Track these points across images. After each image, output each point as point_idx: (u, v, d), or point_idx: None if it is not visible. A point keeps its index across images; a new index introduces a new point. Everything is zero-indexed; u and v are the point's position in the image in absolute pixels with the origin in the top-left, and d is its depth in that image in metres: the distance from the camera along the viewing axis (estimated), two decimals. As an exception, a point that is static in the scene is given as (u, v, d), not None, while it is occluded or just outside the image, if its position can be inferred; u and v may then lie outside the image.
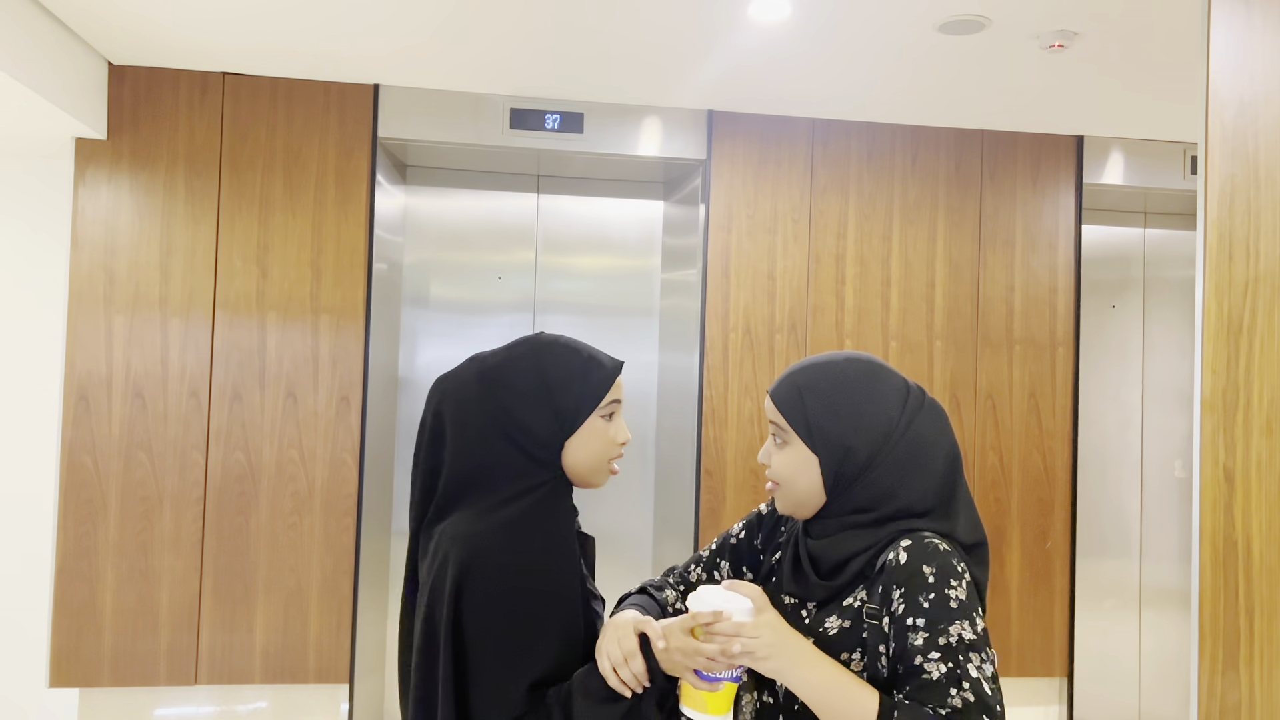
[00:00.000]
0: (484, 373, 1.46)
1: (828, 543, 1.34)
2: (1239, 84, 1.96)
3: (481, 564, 1.35)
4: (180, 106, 3.44)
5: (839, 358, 1.39)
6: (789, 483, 1.36)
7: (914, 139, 3.85)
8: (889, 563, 1.26)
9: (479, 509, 1.40)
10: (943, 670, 1.19)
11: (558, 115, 3.63)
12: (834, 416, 1.33)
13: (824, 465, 1.33)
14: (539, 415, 1.43)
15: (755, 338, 3.72)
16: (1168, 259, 4.48)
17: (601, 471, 1.50)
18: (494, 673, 1.33)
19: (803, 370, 1.39)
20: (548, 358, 1.46)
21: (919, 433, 1.33)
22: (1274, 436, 1.83)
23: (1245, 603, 1.89)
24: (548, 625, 1.36)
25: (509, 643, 1.34)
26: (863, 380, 1.35)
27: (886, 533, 1.30)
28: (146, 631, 3.36)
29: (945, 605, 1.22)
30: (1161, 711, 4.39)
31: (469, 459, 1.42)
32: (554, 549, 1.40)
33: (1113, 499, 4.41)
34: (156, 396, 3.40)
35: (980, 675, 1.20)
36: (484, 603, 1.34)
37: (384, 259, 3.69)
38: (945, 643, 1.20)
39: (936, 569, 1.24)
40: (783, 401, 1.37)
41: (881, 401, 1.34)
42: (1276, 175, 1.86)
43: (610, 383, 1.48)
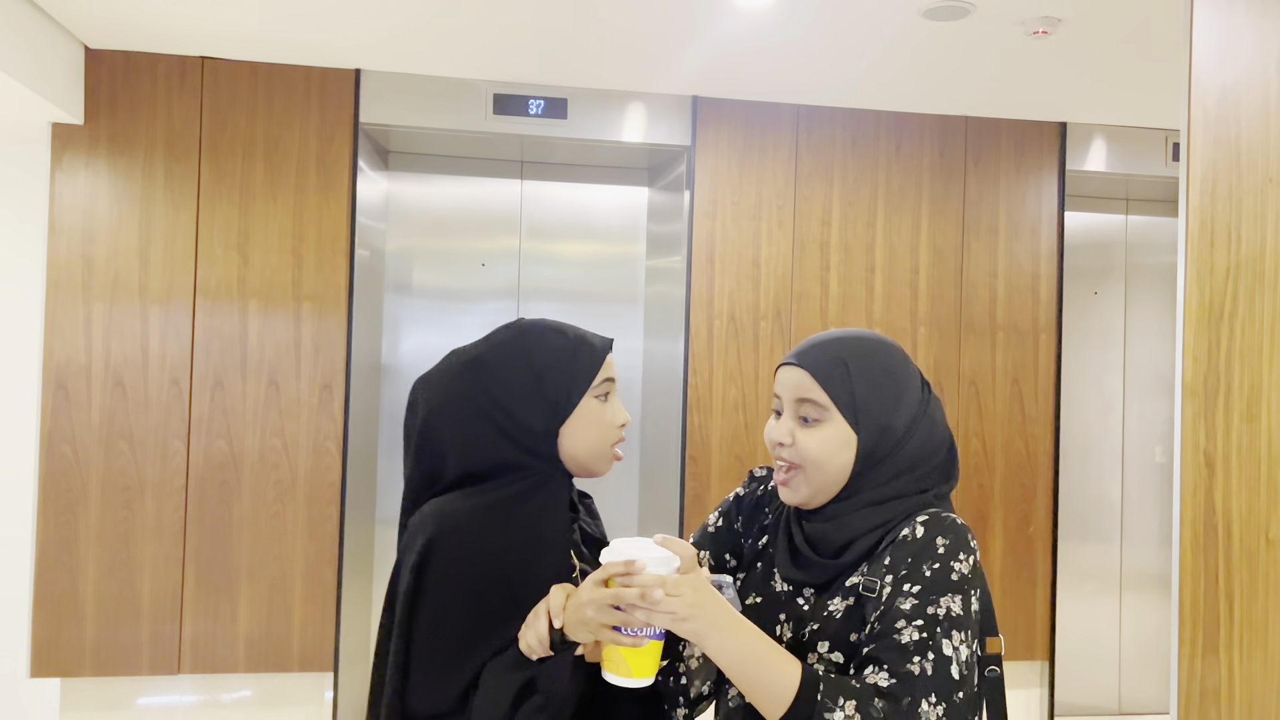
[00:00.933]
0: (467, 366, 1.39)
1: (832, 526, 1.27)
2: (1221, 71, 1.97)
3: (448, 542, 1.28)
4: (158, 91, 3.40)
5: (871, 334, 1.34)
6: (820, 465, 1.26)
7: (898, 125, 3.85)
8: (904, 537, 1.22)
9: (465, 491, 1.34)
10: (916, 638, 1.15)
11: (541, 101, 3.61)
12: (879, 393, 1.27)
13: (861, 445, 1.25)
14: (530, 404, 1.35)
15: (740, 325, 3.72)
16: (1150, 245, 4.51)
17: (604, 457, 1.42)
18: (438, 659, 1.25)
19: (840, 342, 1.31)
20: (532, 342, 1.39)
21: (932, 420, 1.31)
22: (1254, 422, 1.85)
23: (1225, 586, 1.91)
24: (510, 619, 1.26)
25: (461, 630, 1.25)
26: (899, 359, 1.32)
27: (892, 511, 1.26)
28: (128, 621, 3.34)
29: (946, 577, 1.18)
30: (1142, 694, 4.43)
31: (460, 457, 1.35)
32: (533, 541, 1.32)
33: (1094, 484, 4.44)
34: (137, 385, 3.37)
35: (952, 655, 1.15)
36: (443, 584, 1.27)
37: (366, 246, 3.66)
38: (932, 613, 1.16)
39: (950, 541, 1.21)
40: (824, 374, 1.26)
41: (912, 380, 1.31)
42: (1258, 162, 1.87)
43: (601, 361, 1.40)
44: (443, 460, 1.36)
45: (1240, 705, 1.86)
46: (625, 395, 4.10)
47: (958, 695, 1.14)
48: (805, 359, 1.29)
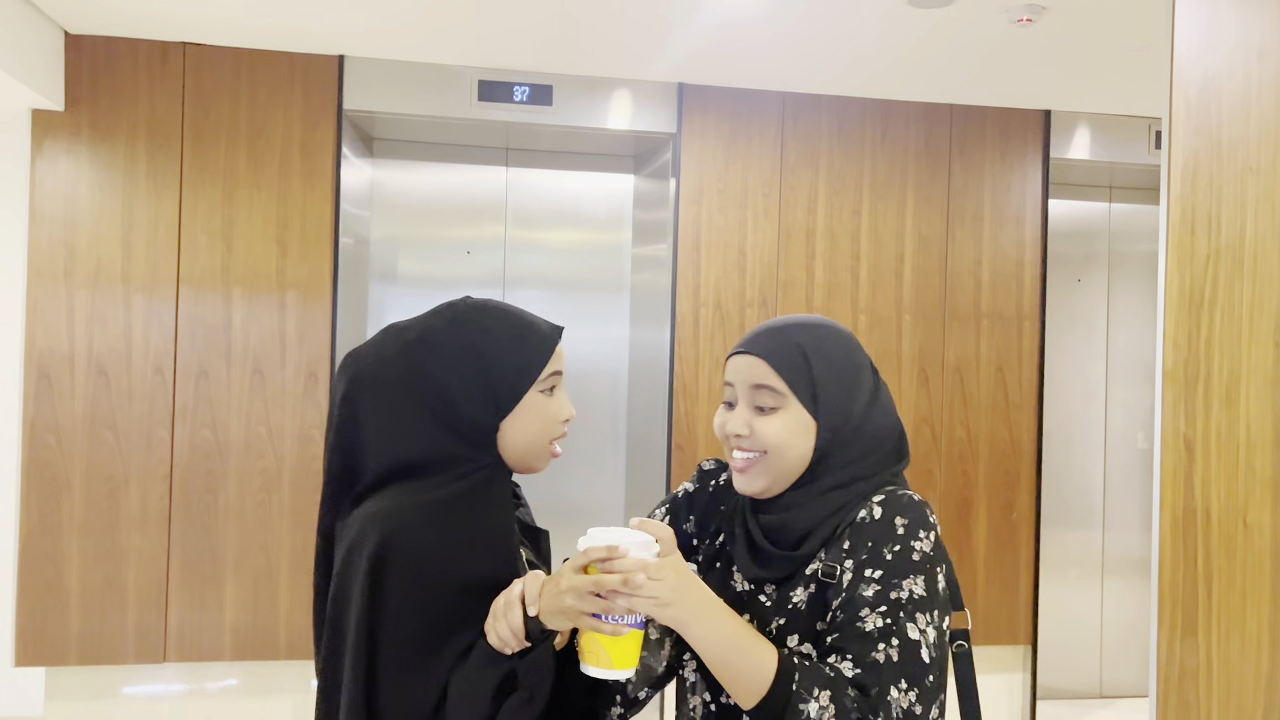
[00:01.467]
0: (406, 347, 1.28)
1: (791, 515, 1.25)
2: (1203, 60, 1.98)
3: (401, 545, 1.19)
4: (140, 77, 3.37)
5: (822, 320, 1.31)
6: (781, 451, 1.23)
7: (884, 113, 3.85)
8: (861, 519, 1.20)
9: (404, 489, 1.24)
10: (880, 624, 1.12)
11: (526, 87, 3.59)
12: (837, 379, 1.25)
13: (821, 431, 1.23)
14: (470, 395, 1.26)
15: (726, 313, 3.72)
16: (1132, 233, 4.53)
17: (542, 454, 1.33)
18: (406, 668, 1.19)
19: (796, 328, 1.27)
20: (478, 327, 1.28)
21: (884, 399, 1.30)
22: (1232, 407, 1.87)
23: (1204, 570, 1.93)
24: (470, 621, 1.21)
25: (425, 636, 1.19)
26: (853, 345, 1.30)
27: (848, 495, 1.24)
28: (114, 610, 3.33)
29: (907, 558, 1.16)
30: (1122, 677, 4.49)
31: (395, 446, 1.26)
32: (486, 540, 1.26)
33: (1077, 470, 4.48)
34: (120, 373, 3.35)
35: (920, 638, 1.12)
36: (401, 589, 1.19)
37: (350, 233, 3.65)
38: (895, 597, 1.14)
39: (909, 521, 1.18)
40: (782, 362, 1.23)
41: (864, 367, 1.29)
42: (1238, 150, 1.88)
43: (550, 352, 1.30)
44: (370, 448, 1.27)
45: (1218, 687, 1.88)
46: (612, 383, 4.12)
47: (929, 678, 1.12)
48: (759, 346, 1.26)
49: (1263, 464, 1.79)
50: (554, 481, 4.03)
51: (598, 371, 4.11)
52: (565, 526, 4.28)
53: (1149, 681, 2.06)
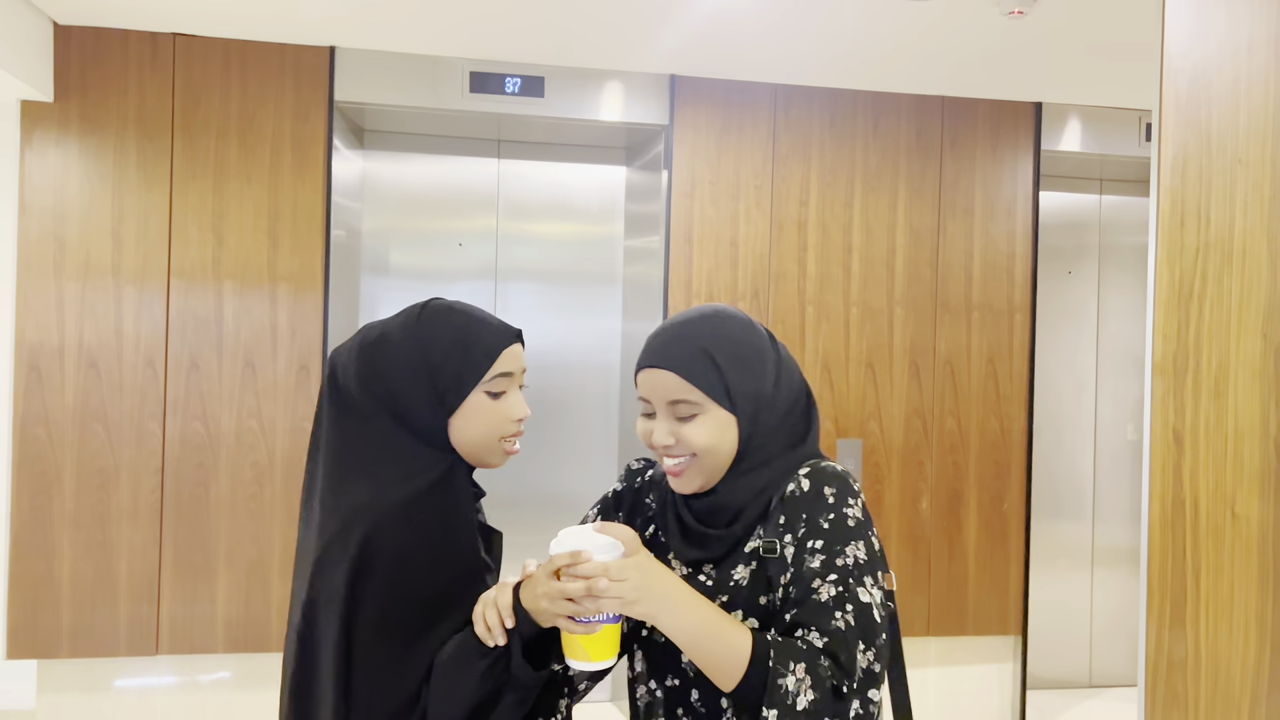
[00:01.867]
0: (365, 347, 1.35)
1: (718, 498, 1.30)
2: (1193, 52, 1.99)
3: (380, 547, 1.24)
4: (130, 68, 3.36)
5: (709, 310, 1.34)
6: (711, 451, 1.28)
7: (875, 105, 3.86)
8: (790, 493, 1.26)
9: (368, 489, 1.28)
10: (833, 593, 1.18)
11: (518, 79, 3.59)
12: (747, 370, 1.29)
13: (742, 423, 1.28)
14: (417, 394, 1.32)
15: (718, 304, 3.72)
16: (1123, 225, 4.55)
17: (494, 452, 1.37)
18: (385, 665, 1.22)
19: (696, 330, 1.30)
20: (429, 329, 1.34)
21: (790, 367, 1.35)
22: (1222, 399, 1.88)
23: (1192, 561, 1.95)
24: (446, 618, 1.26)
25: (405, 638, 1.24)
26: (750, 328, 1.33)
27: (773, 472, 1.29)
28: (105, 603, 3.33)
29: (844, 525, 1.22)
30: (1112, 667, 4.52)
31: (351, 435, 1.32)
32: (457, 537, 1.31)
33: (1067, 462, 4.50)
34: (111, 366, 3.34)
35: (870, 600, 1.19)
36: (379, 594, 1.23)
37: (342, 226, 3.64)
38: (841, 564, 1.20)
39: (836, 490, 1.25)
40: (690, 371, 1.27)
41: (763, 342, 1.33)
42: (1227, 143, 1.89)
43: (495, 355, 1.35)
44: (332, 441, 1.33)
45: (1206, 676, 1.90)
46: (604, 376, 4.13)
47: (881, 637, 1.19)
48: (667, 359, 1.28)
49: (1250, 455, 1.80)
50: (545, 473, 4.04)
51: (590, 364, 4.11)
52: (557, 517, 4.28)
53: (1138, 671, 2.08)
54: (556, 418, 4.08)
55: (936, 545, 3.89)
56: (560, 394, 4.08)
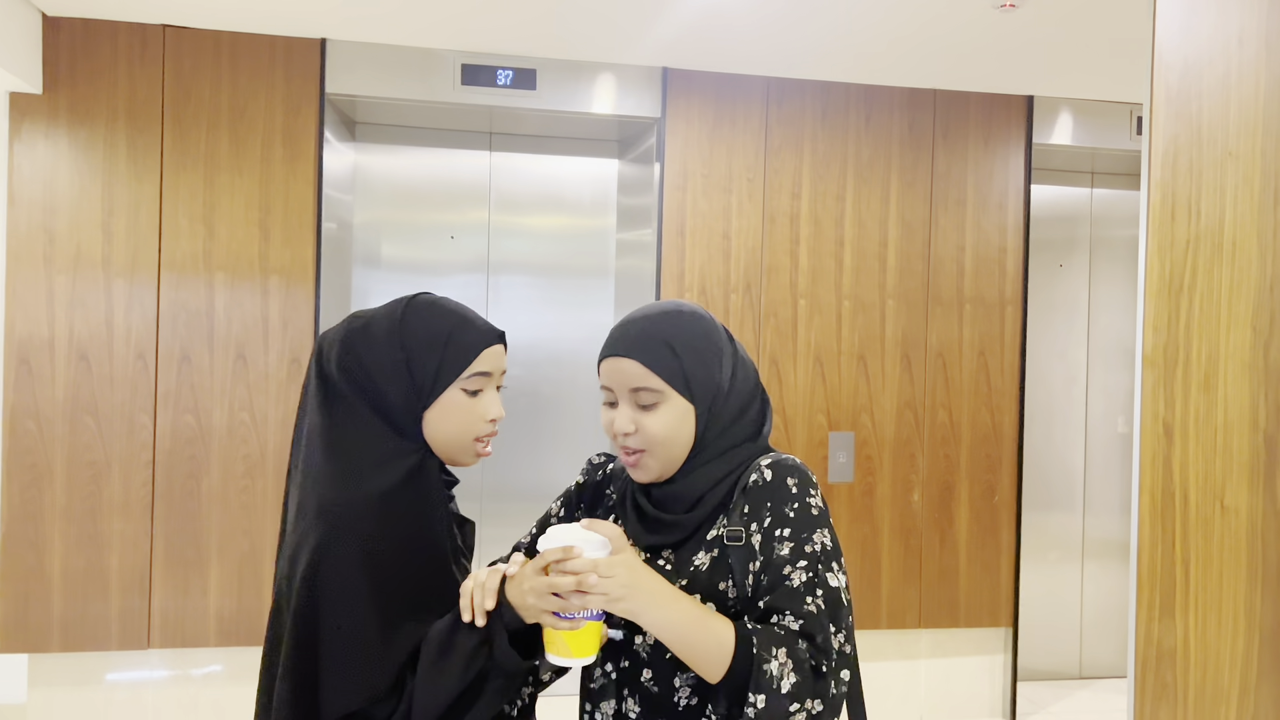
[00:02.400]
0: (349, 333, 1.37)
1: (677, 487, 1.34)
2: (1184, 46, 1.99)
3: (343, 538, 1.25)
4: (119, 60, 3.34)
5: (671, 306, 1.39)
6: (667, 442, 1.32)
7: (868, 98, 3.86)
8: (753, 483, 1.30)
9: (342, 477, 1.30)
10: (803, 578, 1.23)
11: (510, 71, 3.58)
12: (704, 361, 1.34)
13: (699, 413, 1.34)
14: (394, 383, 1.33)
15: (711, 298, 3.73)
16: (1114, 218, 4.56)
17: (465, 450, 1.38)
18: (355, 654, 1.23)
19: (653, 323, 1.35)
20: (413, 321, 1.36)
21: (743, 362, 1.39)
22: (1211, 391, 1.89)
23: (1182, 553, 1.96)
24: (420, 606, 1.27)
25: (378, 626, 1.24)
26: (707, 321, 1.38)
27: (731, 463, 1.34)
28: (96, 596, 3.32)
29: (809, 514, 1.27)
30: (1102, 658, 4.54)
31: (332, 422, 1.33)
32: (429, 527, 1.33)
33: (1058, 454, 4.51)
34: (102, 359, 3.33)
35: (837, 584, 1.25)
36: (351, 583, 1.24)
37: (333, 218, 3.63)
38: (810, 550, 1.25)
39: (798, 480, 1.29)
40: (653, 360, 1.32)
41: (720, 335, 1.38)
42: (1218, 136, 1.90)
43: (475, 352, 1.37)
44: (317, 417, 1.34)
45: (1195, 667, 1.91)
46: (595, 369, 4.12)
47: (849, 618, 1.25)
48: (630, 348, 1.34)
49: (1240, 447, 1.81)
50: (536, 465, 4.04)
51: (582, 357, 4.11)
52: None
53: (1127, 662, 2.09)
54: (548, 411, 4.08)
55: (928, 537, 3.91)
56: (552, 387, 4.08)
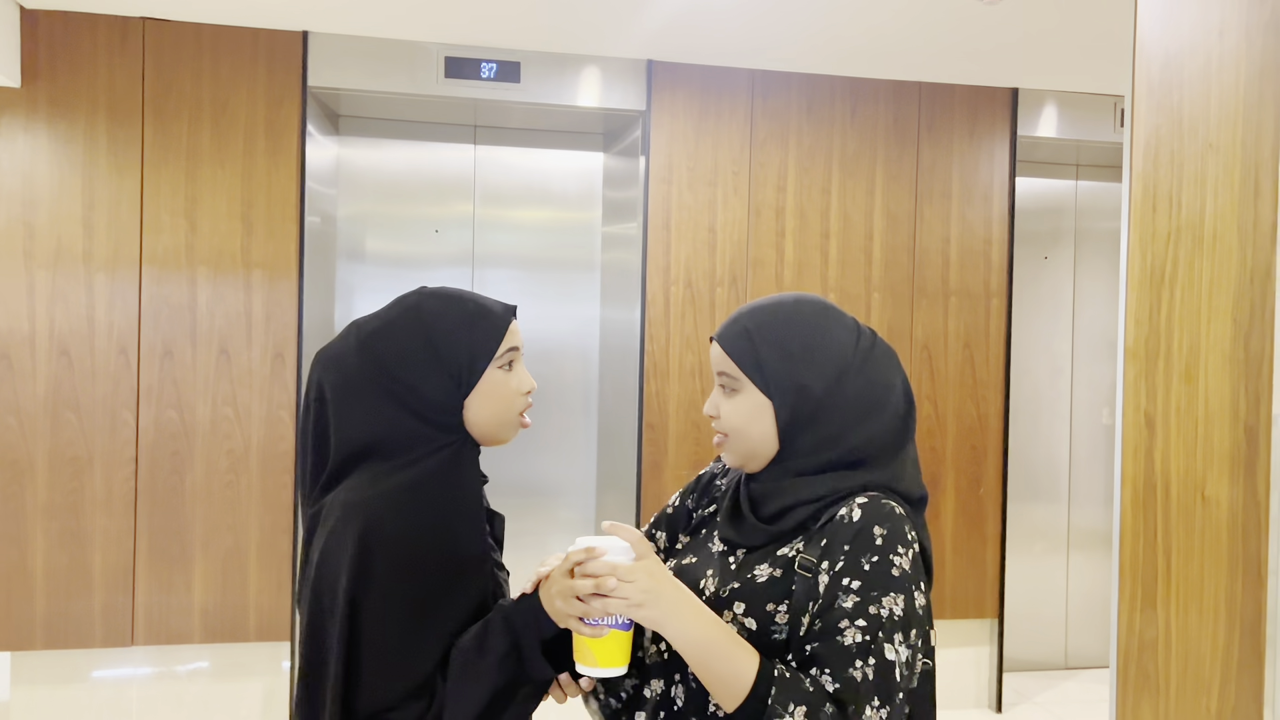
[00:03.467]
0: (364, 340, 1.33)
1: (773, 487, 1.27)
2: (1165, 37, 1.99)
3: (380, 532, 1.23)
4: (99, 53, 3.31)
5: (787, 298, 1.33)
6: (740, 432, 1.28)
7: (853, 91, 3.85)
8: (840, 517, 1.20)
9: (372, 474, 1.29)
10: (858, 640, 1.12)
11: (494, 64, 3.56)
12: (787, 356, 1.26)
13: (778, 409, 1.26)
14: (430, 377, 1.31)
15: (696, 291, 3.72)
16: (1099, 211, 4.57)
17: (510, 425, 1.39)
18: (392, 650, 1.22)
19: (749, 313, 1.31)
20: (430, 313, 1.34)
21: (871, 375, 1.27)
22: (1192, 383, 1.89)
23: (1163, 543, 1.96)
24: (453, 599, 1.27)
25: (411, 620, 1.24)
26: (813, 318, 1.29)
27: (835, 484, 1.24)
28: (80, 593, 3.30)
29: (886, 573, 1.15)
30: (1087, 649, 4.56)
31: (358, 432, 1.31)
32: (460, 516, 1.31)
33: (1043, 445, 4.53)
34: (83, 354, 3.31)
35: (895, 659, 1.12)
36: (384, 576, 1.23)
37: (317, 212, 3.61)
38: (874, 613, 1.13)
39: (887, 532, 1.17)
40: (731, 346, 1.29)
41: (834, 339, 1.28)
42: (1199, 127, 1.90)
43: (503, 330, 1.36)
44: (340, 438, 1.32)
45: (1176, 657, 1.92)
46: (583, 362, 4.12)
47: (898, 698, 1.13)
48: (721, 332, 1.32)
49: (1220, 438, 1.82)
50: (526, 460, 4.03)
51: (568, 350, 4.10)
52: (536, 505, 4.29)
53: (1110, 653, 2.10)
54: (535, 405, 4.05)
55: (914, 529, 3.91)
56: (539, 381, 4.04)
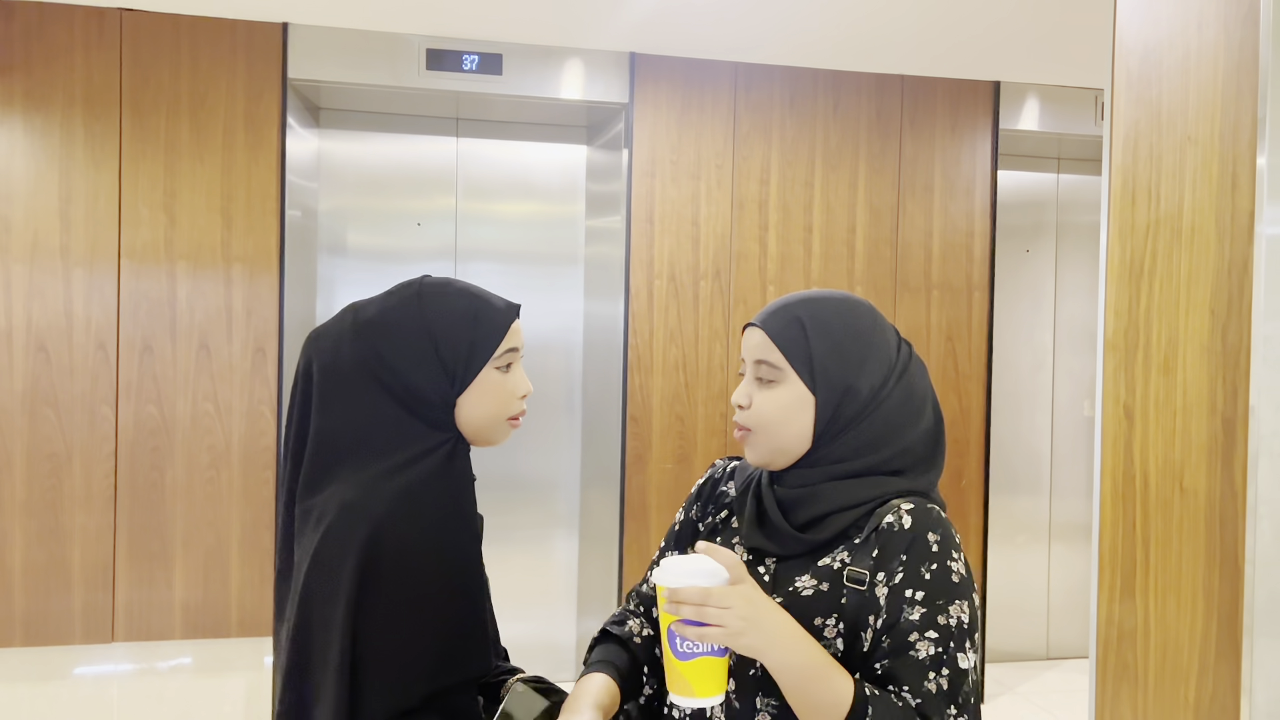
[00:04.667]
0: (360, 326, 1.29)
1: (807, 492, 1.22)
2: (1144, 30, 2.00)
3: (384, 542, 1.20)
4: (75, 45, 3.27)
5: (837, 293, 1.28)
6: (775, 426, 1.22)
7: (836, 84, 3.85)
8: (888, 525, 1.16)
9: (368, 475, 1.24)
10: (931, 652, 1.11)
11: (476, 56, 3.54)
12: (839, 353, 1.21)
13: (821, 407, 1.21)
14: (425, 372, 1.27)
15: (680, 285, 3.72)
16: (1080, 204, 4.59)
17: (501, 428, 1.34)
18: (396, 658, 1.20)
19: (801, 303, 1.26)
20: (431, 305, 1.30)
21: (911, 382, 1.25)
22: (1170, 375, 1.90)
23: (1142, 534, 1.98)
24: (451, 603, 1.25)
25: (415, 628, 1.22)
26: (866, 318, 1.25)
27: (874, 490, 1.20)
28: (59, 590, 3.28)
29: (947, 579, 1.13)
30: (1068, 639, 4.60)
31: (345, 422, 1.26)
32: (459, 521, 1.29)
33: (1025, 438, 4.55)
34: (61, 350, 3.28)
35: (967, 667, 1.12)
36: (389, 585, 1.20)
37: (298, 205, 3.58)
38: (944, 623, 1.11)
39: (941, 538, 1.15)
40: (780, 334, 1.23)
41: (882, 343, 1.24)
42: (1177, 121, 1.91)
43: (504, 330, 1.32)
44: (329, 427, 1.27)
45: (1155, 647, 1.94)
46: (566, 356, 4.11)
47: (971, 705, 1.13)
48: (765, 320, 1.26)
49: (1198, 429, 1.83)
50: (509, 455, 4.03)
51: (552, 344, 4.09)
52: (520, 499, 4.28)
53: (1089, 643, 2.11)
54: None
55: (897, 522, 3.93)
56: (522, 375, 4.06)
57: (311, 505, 1.26)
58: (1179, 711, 1.87)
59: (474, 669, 1.29)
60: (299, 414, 1.31)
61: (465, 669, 1.27)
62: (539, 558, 4.09)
